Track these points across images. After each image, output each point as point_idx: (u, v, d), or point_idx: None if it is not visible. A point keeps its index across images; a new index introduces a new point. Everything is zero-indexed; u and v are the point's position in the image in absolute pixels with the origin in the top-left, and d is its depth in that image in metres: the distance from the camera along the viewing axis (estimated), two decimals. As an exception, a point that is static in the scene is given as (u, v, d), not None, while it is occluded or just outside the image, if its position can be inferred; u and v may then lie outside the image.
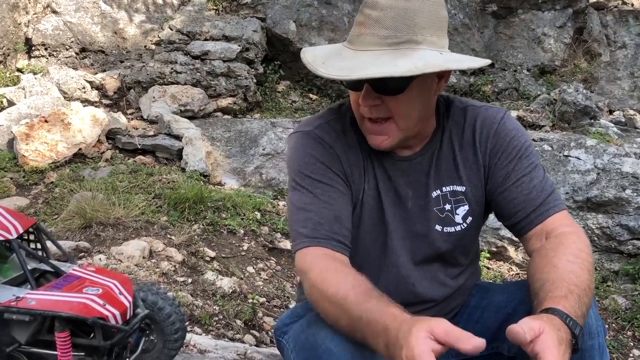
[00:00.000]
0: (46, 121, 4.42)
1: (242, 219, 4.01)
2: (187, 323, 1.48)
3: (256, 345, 2.52)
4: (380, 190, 1.55)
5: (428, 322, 1.00)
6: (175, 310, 1.47)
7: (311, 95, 6.59)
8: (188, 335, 2.37)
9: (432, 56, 1.33)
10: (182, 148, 4.83)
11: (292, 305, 3.01)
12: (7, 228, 1.28)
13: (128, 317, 1.26)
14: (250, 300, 3.04)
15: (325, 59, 1.40)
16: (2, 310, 1.13)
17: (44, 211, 3.62)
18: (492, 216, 1.71)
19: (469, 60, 1.47)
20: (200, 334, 2.46)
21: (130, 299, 1.30)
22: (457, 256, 1.62)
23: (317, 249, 1.37)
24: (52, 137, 4.37)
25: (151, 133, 5.13)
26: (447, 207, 1.57)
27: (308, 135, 1.53)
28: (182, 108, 5.45)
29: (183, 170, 4.65)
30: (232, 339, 2.56)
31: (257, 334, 2.70)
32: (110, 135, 4.98)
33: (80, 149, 4.52)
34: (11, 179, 4.04)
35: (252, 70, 6.00)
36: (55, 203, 3.74)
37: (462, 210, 1.58)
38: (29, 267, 1.28)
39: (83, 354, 1.24)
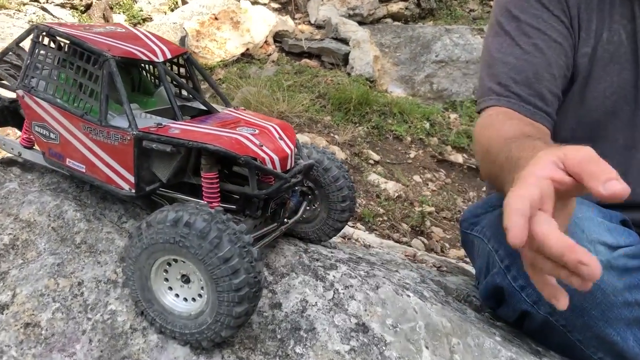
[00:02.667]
0: (216, 18, 4.36)
1: (410, 126, 3.65)
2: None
3: (426, 251, 2.22)
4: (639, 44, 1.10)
5: (567, 148, 0.70)
6: (344, 174, 1.18)
7: (492, 3, 5.86)
8: (350, 230, 2.13)
9: None
10: (349, 52, 4.54)
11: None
12: (153, 50, 1.05)
13: (288, 167, 0.97)
14: (417, 208, 2.72)
15: None
16: (140, 137, 0.90)
17: (211, 104, 3.58)
18: None
19: None
20: (364, 231, 2.21)
21: (292, 146, 1.01)
22: None
23: (501, 109, 1.12)
24: (221, 35, 4.31)
25: (318, 37, 4.89)
26: None
27: None
28: (351, 12, 5.12)
29: (348, 75, 4.36)
30: (398, 241, 2.28)
31: (425, 241, 2.39)
32: (277, 38, 4.83)
33: (247, 48, 4.42)
34: (182, 73, 4.06)
35: (428, -29, 5.44)
36: (222, 97, 3.68)
37: None
38: (177, 104, 1.04)
39: (234, 207, 0.99)
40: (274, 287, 1.04)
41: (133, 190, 0.96)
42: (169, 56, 1.06)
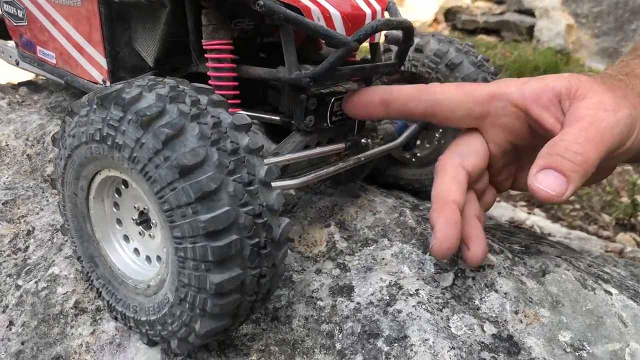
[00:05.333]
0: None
1: (615, 101, 2.87)
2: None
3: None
4: None
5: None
6: (486, 77, 0.68)
7: None
8: (523, 215, 1.56)
9: None
10: (534, 25, 3.83)
11: None
12: None
13: (364, 33, 0.50)
14: (624, 198, 2.00)
15: None
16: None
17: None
18: None
19: None
20: (544, 219, 1.62)
21: (376, 5, 0.54)
22: None
23: None
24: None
25: (497, 12, 4.25)
26: None
27: None
28: (538, -19, 4.37)
29: (534, 49, 3.66)
30: (595, 234, 1.64)
31: (637, 237, 1.71)
32: (449, 15, 4.29)
33: (414, 27, 3.96)
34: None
35: None
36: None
37: None
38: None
39: (277, 117, 0.56)
40: (345, 260, 0.59)
41: (108, 83, 0.59)
42: None
